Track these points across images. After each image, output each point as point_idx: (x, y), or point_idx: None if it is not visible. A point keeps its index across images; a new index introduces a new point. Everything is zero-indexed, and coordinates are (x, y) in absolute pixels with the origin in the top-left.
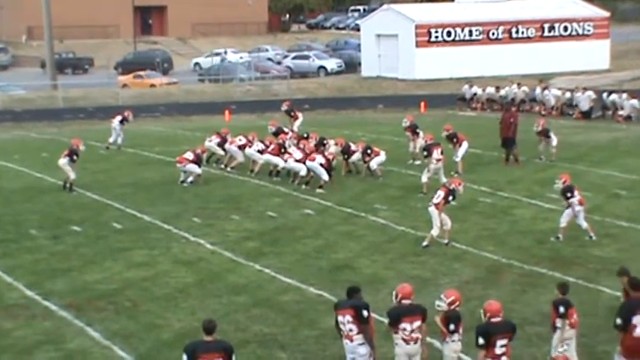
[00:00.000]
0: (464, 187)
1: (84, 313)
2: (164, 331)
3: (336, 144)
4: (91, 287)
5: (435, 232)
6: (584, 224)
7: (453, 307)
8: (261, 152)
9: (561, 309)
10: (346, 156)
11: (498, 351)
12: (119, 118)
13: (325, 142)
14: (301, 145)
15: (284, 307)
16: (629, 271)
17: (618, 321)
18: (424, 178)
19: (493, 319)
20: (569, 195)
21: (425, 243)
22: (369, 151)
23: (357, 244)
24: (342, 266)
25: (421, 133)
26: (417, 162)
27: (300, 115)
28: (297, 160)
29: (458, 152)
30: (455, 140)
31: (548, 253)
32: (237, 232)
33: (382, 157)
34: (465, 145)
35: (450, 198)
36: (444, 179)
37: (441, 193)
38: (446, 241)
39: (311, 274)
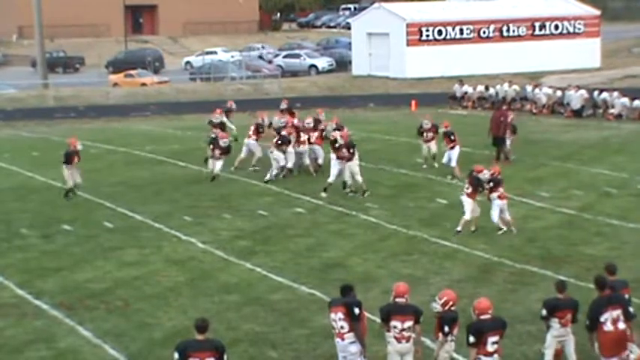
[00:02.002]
0: (484, 172)
1: (75, 313)
2: (155, 330)
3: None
4: (82, 286)
5: (469, 216)
6: (496, 219)
7: (447, 307)
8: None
9: (543, 312)
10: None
11: (490, 348)
12: (220, 111)
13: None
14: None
15: (275, 306)
16: (614, 268)
17: (587, 322)
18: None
19: (482, 317)
20: (491, 185)
21: (472, 228)
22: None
23: (348, 243)
24: (334, 265)
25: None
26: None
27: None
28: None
29: (452, 156)
30: (452, 138)
31: (539, 252)
32: (228, 230)
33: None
34: (458, 148)
35: (477, 185)
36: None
37: (468, 185)
38: (468, 229)
39: (302, 273)
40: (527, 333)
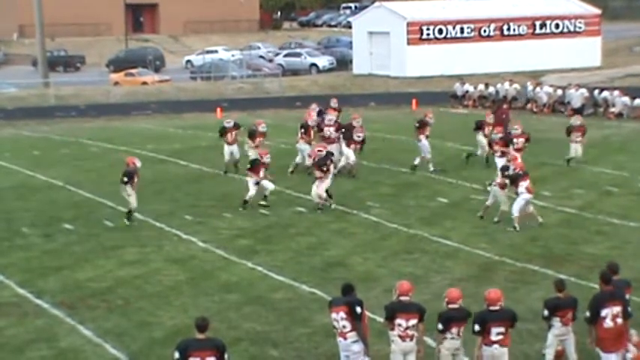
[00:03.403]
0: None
1: (76, 312)
2: (156, 329)
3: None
4: (83, 285)
5: (506, 206)
6: (515, 213)
7: (445, 304)
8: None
9: (545, 312)
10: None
11: (494, 338)
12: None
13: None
14: None
15: (276, 305)
16: (616, 267)
17: (587, 314)
18: None
19: (491, 307)
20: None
21: (496, 219)
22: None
23: (349, 242)
24: (335, 264)
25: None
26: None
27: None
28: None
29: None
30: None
31: (540, 251)
32: (229, 229)
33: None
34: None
35: (506, 173)
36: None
37: (499, 173)
38: (497, 219)
39: (303, 272)
40: (528, 332)
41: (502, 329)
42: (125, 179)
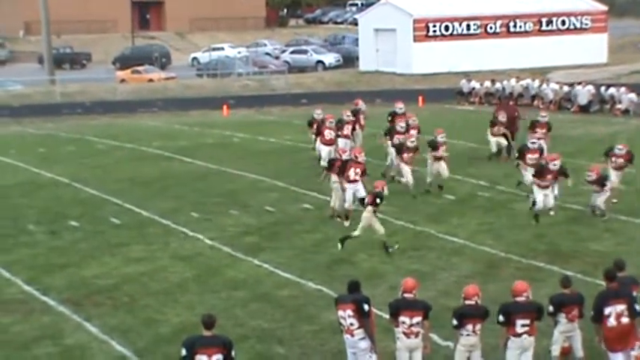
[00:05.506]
0: None
1: (82, 308)
2: (162, 326)
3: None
4: (89, 282)
5: None
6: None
7: (464, 300)
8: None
9: (550, 308)
10: None
11: (519, 330)
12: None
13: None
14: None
15: (282, 302)
16: (622, 264)
17: (592, 313)
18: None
19: (517, 299)
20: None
21: None
22: None
23: (355, 239)
24: (340, 261)
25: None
26: None
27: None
28: None
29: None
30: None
31: (547, 247)
32: (235, 226)
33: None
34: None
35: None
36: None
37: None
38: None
39: (309, 269)
40: None
41: (527, 321)
42: (378, 201)
